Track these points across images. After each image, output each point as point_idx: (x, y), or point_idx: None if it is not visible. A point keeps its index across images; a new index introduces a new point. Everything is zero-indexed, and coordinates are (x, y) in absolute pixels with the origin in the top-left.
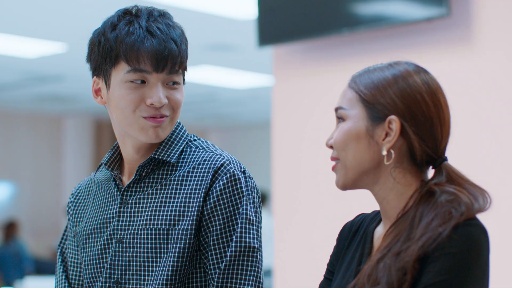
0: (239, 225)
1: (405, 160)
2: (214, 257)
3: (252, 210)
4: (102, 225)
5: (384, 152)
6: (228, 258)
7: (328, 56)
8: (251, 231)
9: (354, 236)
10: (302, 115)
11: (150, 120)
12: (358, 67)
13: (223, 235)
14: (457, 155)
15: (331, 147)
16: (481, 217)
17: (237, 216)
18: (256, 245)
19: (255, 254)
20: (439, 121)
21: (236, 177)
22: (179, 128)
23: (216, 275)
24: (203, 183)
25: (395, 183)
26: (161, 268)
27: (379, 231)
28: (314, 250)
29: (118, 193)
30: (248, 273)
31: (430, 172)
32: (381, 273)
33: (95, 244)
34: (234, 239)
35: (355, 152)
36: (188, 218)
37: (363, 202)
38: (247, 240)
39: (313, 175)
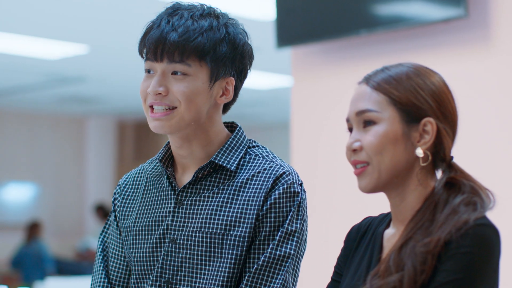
0: (278, 236)
1: (430, 161)
2: (250, 260)
3: (298, 222)
4: (154, 223)
5: (421, 154)
6: (260, 263)
7: (346, 57)
8: (289, 242)
9: (362, 238)
10: (320, 116)
11: (151, 111)
12: (376, 67)
13: (264, 242)
14: (474, 156)
15: (354, 150)
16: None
17: (281, 227)
18: (291, 254)
19: (287, 264)
20: (457, 119)
21: (292, 189)
22: (239, 134)
23: (246, 277)
24: (262, 190)
25: (418, 184)
26: (215, 273)
27: (389, 233)
28: (331, 251)
29: (173, 192)
30: (276, 280)
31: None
32: (406, 256)
33: (146, 241)
34: (270, 248)
35: (392, 155)
36: (245, 225)
37: (381, 202)
38: (283, 249)
39: (330, 175)
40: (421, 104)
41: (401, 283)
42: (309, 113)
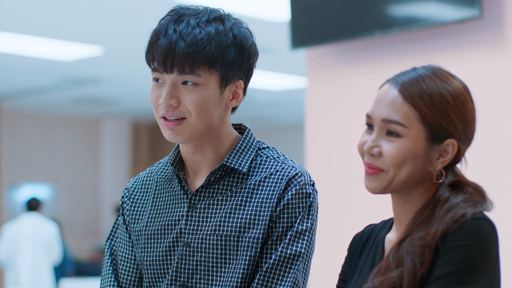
0: (289, 235)
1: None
2: (262, 260)
3: (308, 222)
4: (167, 227)
5: (438, 172)
6: (271, 262)
7: (361, 58)
8: (300, 241)
9: (365, 245)
10: (335, 116)
11: (164, 121)
12: (391, 69)
13: (276, 241)
14: (488, 157)
15: (372, 155)
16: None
17: (292, 227)
18: (301, 253)
19: (297, 262)
20: (474, 134)
21: (305, 190)
22: (249, 136)
23: (258, 276)
24: (275, 192)
25: (424, 192)
26: (230, 274)
27: (390, 237)
28: (345, 252)
29: (185, 196)
30: (286, 279)
31: None
32: (405, 251)
33: (159, 245)
34: (280, 247)
35: (410, 170)
36: (259, 227)
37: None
38: (294, 248)
39: (345, 176)
40: (449, 126)
41: (401, 278)
42: (324, 114)
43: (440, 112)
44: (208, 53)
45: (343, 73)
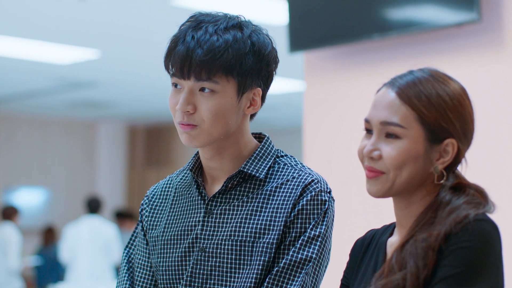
0: (301, 239)
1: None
2: (273, 264)
3: (322, 228)
4: (183, 232)
5: (439, 173)
6: (281, 265)
7: (359, 61)
8: (311, 246)
9: (367, 249)
10: (333, 120)
11: (181, 125)
12: (389, 72)
13: (289, 246)
14: (487, 159)
15: (372, 158)
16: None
17: (305, 233)
18: (312, 258)
19: (307, 267)
20: (473, 134)
21: (320, 197)
22: (267, 143)
23: (267, 279)
24: (291, 198)
25: (427, 194)
26: (243, 279)
27: (392, 241)
28: (345, 255)
29: (202, 201)
30: (294, 283)
31: None
32: (408, 254)
33: (175, 250)
34: (291, 251)
35: (411, 172)
36: (274, 232)
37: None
38: (304, 253)
39: (344, 180)
40: (447, 126)
41: (405, 281)
42: (322, 117)
43: (438, 112)
44: (225, 60)
45: (341, 77)
